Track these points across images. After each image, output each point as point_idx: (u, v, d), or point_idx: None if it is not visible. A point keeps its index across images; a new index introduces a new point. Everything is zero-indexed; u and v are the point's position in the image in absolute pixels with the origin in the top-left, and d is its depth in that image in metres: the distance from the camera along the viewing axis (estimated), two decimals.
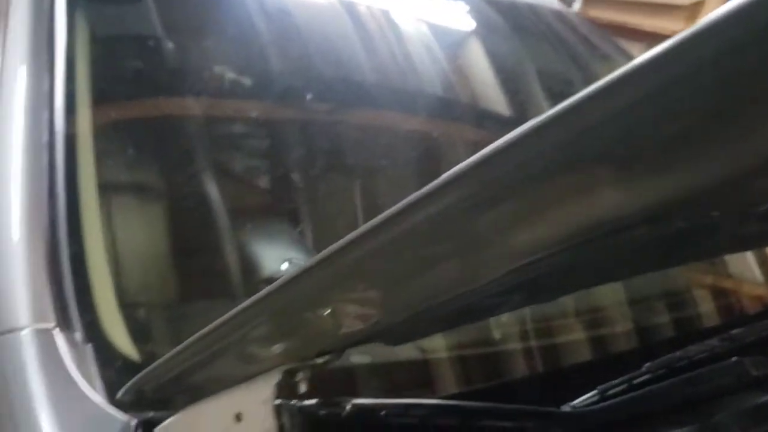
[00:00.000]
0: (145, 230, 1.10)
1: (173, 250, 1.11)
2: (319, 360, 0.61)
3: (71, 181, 0.99)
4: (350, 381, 0.97)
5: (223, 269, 1.10)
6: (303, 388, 0.63)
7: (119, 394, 0.72)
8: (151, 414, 0.79)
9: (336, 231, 1.33)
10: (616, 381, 1.00)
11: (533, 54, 1.84)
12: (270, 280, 1.12)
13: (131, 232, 1.09)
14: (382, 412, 0.86)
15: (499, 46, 1.82)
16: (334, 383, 0.94)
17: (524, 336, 1.09)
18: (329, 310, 0.51)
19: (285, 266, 1.14)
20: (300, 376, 0.62)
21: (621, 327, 1.19)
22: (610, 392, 0.99)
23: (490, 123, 1.65)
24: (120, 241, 1.04)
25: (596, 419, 0.95)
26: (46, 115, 1.05)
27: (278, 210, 1.30)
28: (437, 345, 1.03)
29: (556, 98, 1.72)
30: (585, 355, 1.11)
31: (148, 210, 1.13)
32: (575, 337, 1.12)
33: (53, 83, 1.09)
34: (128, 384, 0.70)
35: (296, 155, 1.37)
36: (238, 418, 0.64)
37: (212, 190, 1.20)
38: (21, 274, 0.89)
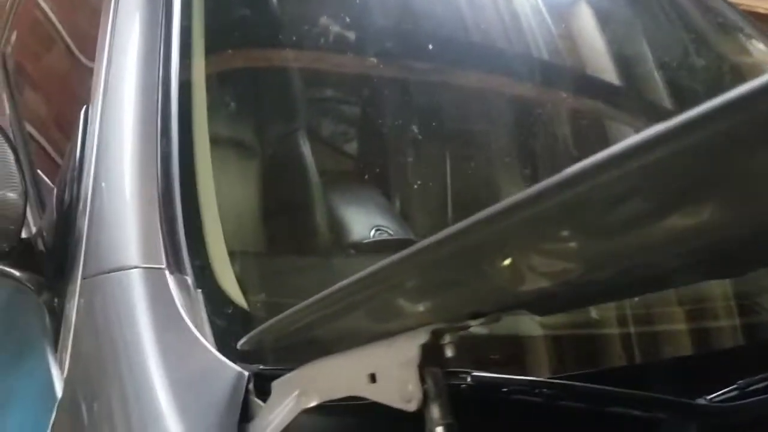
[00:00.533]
0: (256, 181, 1.06)
1: (284, 204, 1.07)
2: (473, 322, 0.55)
3: (184, 123, 0.95)
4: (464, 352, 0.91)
5: (335, 228, 1.05)
6: (449, 352, 0.56)
7: (240, 343, 0.67)
8: (261, 367, 0.74)
9: (439, 200, 1.27)
10: (759, 377, 0.90)
11: (645, 21, 1.72)
12: (368, 245, 1.08)
13: (243, 181, 1.05)
14: (505, 389, 0.80)
15: (609, 10, 1.71)
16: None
17: (653, 319, 1.00)
18: (510, 261, 0.44)
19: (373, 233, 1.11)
20: (447, 338, 0.56)
21: (762, 318, 1.08)
22: (752, 388, 0.89)
23: (595, 92, 1.55)
24: (231, 189, 1.00)
25: (737, 417, 0.86)
26: (160, 57, 1.01)
27: (389, 172, 1.24)
28: (560, 321, 0.96)
29: (669, 69, 1.61)
30: (721, 344, 1.02)
31: (260, 161, 1.09)
32: (710, 324, 1.03)
33: (169, 28, 1.05)
34: (252, 333, 0.65)
35: (404, 117, 1.30)
36: (373, 378, 0.58)
37: (325, 145, 1.16)
38: (132, 212, 0.86)
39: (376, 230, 1.11)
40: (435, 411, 0.55)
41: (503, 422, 0.80)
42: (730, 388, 0.89)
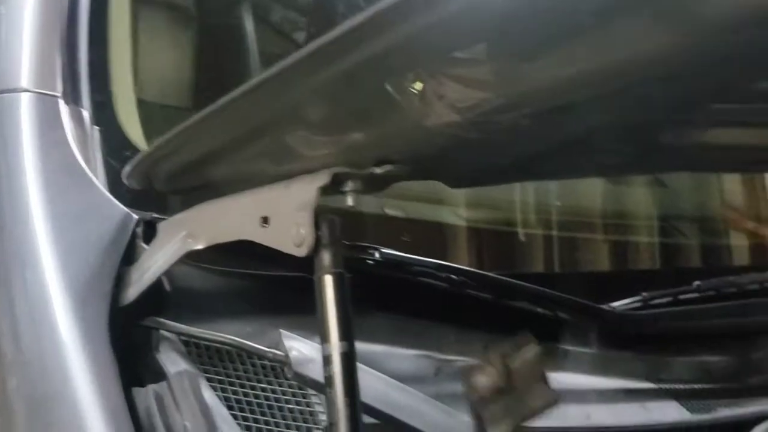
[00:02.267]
0: (176, 30, 0.97)
1: (211, 68, 0.99)
2: (378, 169, 0.50)
3: None
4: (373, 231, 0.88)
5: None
6: (350, 201, 0.52)
7: (124, 173, 0.62)
8: (154, 215, 0.69)
9: None
10: (662, 292, 0.91)
11: None
12: None
13: (163, 27, 0.96)
14: (413, 268, 0.77)
15: None
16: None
17: (571, 229, 0.99)
18: (419, 84, 0.39)
19: None
20: (349, 185, 0.51)
21: (680, 241, 1.09)
22: (655, 302, 0.90)
23: None
24: (149, 32, 0.92)
25: (635, 324, 0.87)
26: None
27: None
28: (481, 216, 0.93)
29: None
30: (635, 261, 1.02)
31: (195, 20, 1.00)
32: (628, 239, 1.03)
33: None
34: (135, 159, 0.59)
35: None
36: (265, 221, 0.54)
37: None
38: (30, 32, 0.77)
39: None
40: (326, 258, 0.52)
41: (408, 303, 0.78)
42: (634, 299, 0.89)
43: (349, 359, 0.51)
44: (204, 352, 0.68)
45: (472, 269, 0.82)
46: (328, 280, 0.52)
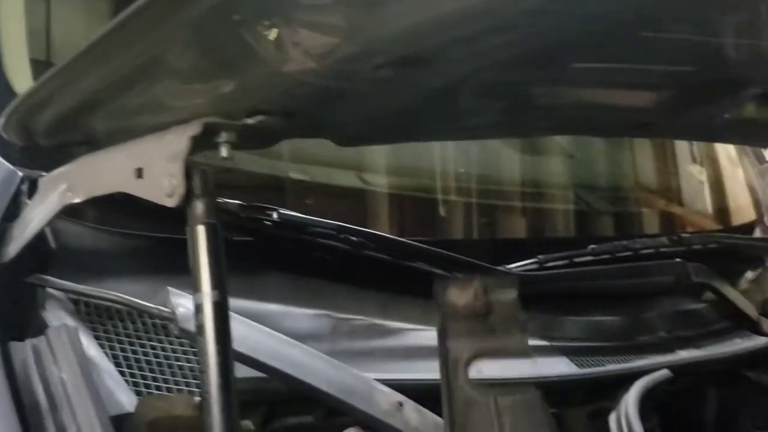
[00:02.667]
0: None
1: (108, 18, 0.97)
2: (250, 120, 0.51)
3: None
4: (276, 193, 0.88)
5: None
6: (224, 152, 0.52)
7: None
8: (43, 173, 0.68)
9: None
10: (557, 255, 0.95)
11: None
12: None
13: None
14: (311, 228, 0.78)
15: None
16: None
17: (477, 194, 1.01)
18: (275, 33, 0.40)
19: None
20: (223, 136, 0.51)
21: (575, 208, 1.13)
22: (550, 264, 0.93)
23: None
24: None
25: (529, 284, 0.90)
26: None
27: None
28: (382, 181, 0.95)
29: None
30: (533, 227, 1.05)
31: None
32: (526, 206, 1.06)
33: None
34: (9, 108, 0.58)
35: None
36: (139, 173, 0.54)
37: None
38: None
39: None
40: (198, 208, 0.52)
41: (306, 264, 0.79)
42: (530, 261, 0.93)
43: (221, 308, 0.51)
44: (93, 310, 0.68)
45: (369, 230, 0.83)
46: (200, 231, 0.52)
